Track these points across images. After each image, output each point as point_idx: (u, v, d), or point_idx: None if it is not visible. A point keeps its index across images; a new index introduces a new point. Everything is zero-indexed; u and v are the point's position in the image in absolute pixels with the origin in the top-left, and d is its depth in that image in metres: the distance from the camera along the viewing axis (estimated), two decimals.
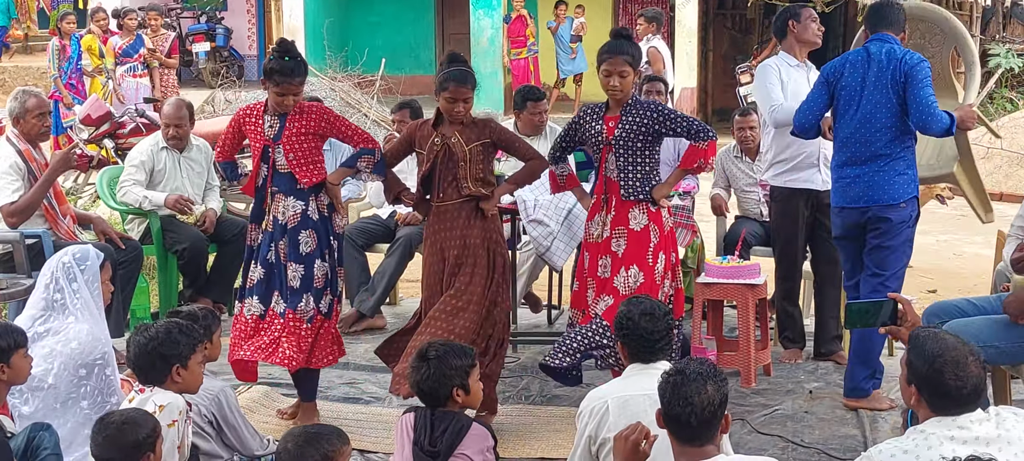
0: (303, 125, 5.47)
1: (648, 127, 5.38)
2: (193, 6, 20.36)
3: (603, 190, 5.48)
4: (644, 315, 4.09)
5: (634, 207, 5.42)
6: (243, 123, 5.59)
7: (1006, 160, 13.72)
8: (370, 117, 15.50)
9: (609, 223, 5.45)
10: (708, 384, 3.32)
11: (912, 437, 3.18)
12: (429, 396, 4.09)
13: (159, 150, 7.34)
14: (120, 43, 12.78)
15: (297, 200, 5.48)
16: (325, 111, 5.57)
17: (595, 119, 5.51)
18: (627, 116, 5.40)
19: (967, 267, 9.27)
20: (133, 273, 6.75)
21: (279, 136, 5.45)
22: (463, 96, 5.42)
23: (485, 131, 5.51)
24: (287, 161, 5.45)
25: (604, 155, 5.46)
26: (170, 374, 4.16)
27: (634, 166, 5.42)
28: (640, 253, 5.40)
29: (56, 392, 4.50)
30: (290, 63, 5.37)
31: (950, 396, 3.18)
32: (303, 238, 5.49)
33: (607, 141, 5.44)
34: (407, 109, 7.45)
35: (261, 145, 5.48)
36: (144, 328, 4.25)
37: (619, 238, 5.43)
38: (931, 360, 3.20)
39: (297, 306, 5.47)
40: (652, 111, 5.40)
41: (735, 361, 6.18)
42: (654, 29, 12.42)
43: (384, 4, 20.71)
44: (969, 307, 5.07)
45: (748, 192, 7.33)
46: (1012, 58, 17.49)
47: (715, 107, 19.41)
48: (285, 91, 5.38)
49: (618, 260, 5.41)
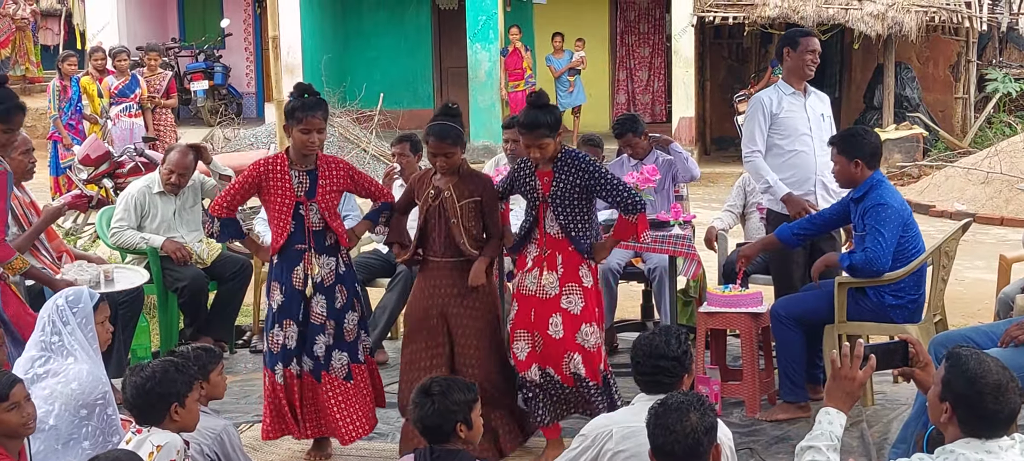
0: (332, 181, 5.45)
1: (583, 184, 5.32)
2: (191, 45, 20.42)
3: (545, 246, 5.43)
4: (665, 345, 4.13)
5: (582, 264, 5.39)
6: (264, 178, 5.45)
7: (1006, 184, 13.72)
8: (369, 152, 15.52)
9: (557, 281, 5.38)
10: (691, 413, 3.34)
11: (941, 456, 3.15)
12: (433, 432, 4.06)
13: (152, 193, 7.25)
14: (115, 83, 12.79)
15: (329, 257, 5.47)
16: (350, 167, 5.58)
17: (528, 174, 5.46)
18: (560, 173, 5.35)
19: (969, 293, 9.24)
20: (134, 312, 6.73)
21: (313, 192, 5.40)
22: (443, 150, 5.37)
23: (478, 188, 5.48)
24: (322, 217, 5.42)
25: (541, 212, 5.41)
26: (168, 413, 4.13)
27: (576, 221, 5.36)
28: (593, 310, 5.40)
29: (57, 433, 4.47)
30: (311, 100, 5.36)
31: (986, 419, 3.14)
32: (336, 294, 5.51)
33: (544, 197, 5.39)
34: (407, 142, 7.44)
35: (292, 202, 5.39)
36: (139, 368, 4.22)
37: (570, 295, 5.37)
38: (973, 381, 3.14)
39: (330, 367, 5.51)
40: (585, 169, 5.32)
41: (739, 390, 6.15)
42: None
43: (381, 39, 20.77)
44: (976, 335, 5.00)
45: (755, 213, 7.31)
46: (1010, 83, 17.54)
47: (713, 136, 19.44)
48: (310, 126, 5.32)
49: (573, 318, 5.36)
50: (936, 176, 15.10)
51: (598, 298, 5.49)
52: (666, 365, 4.11)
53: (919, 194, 14.43)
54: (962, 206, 13.55)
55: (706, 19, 17.40)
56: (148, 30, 19.90)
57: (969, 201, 13.76)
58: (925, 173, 15.81)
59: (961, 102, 17.84)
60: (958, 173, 14.66)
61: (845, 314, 5.80)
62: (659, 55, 20.03)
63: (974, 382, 3.14)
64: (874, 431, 5.75)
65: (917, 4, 16.49)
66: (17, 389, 3.99)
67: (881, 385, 6.33)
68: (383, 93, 17.07)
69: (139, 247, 7.16)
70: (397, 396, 5.80)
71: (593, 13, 19.99)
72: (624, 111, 17.91)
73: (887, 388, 6.36)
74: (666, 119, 19.16)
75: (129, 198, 7.27)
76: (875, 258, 5.63)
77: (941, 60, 18.36)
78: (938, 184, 14.70)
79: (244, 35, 21.46)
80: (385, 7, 20.78)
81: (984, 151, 15.13)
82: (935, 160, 16.18)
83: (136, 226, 7.18)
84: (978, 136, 17.27)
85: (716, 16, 17.25)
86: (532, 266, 5.44)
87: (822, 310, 5.83)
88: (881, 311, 5.82)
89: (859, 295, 5.82)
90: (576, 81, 18.09)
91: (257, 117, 20.18)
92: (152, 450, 4.01)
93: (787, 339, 5.95)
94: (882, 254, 5.63)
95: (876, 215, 5.65)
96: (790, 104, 6.35)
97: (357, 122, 16.74)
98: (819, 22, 16.32)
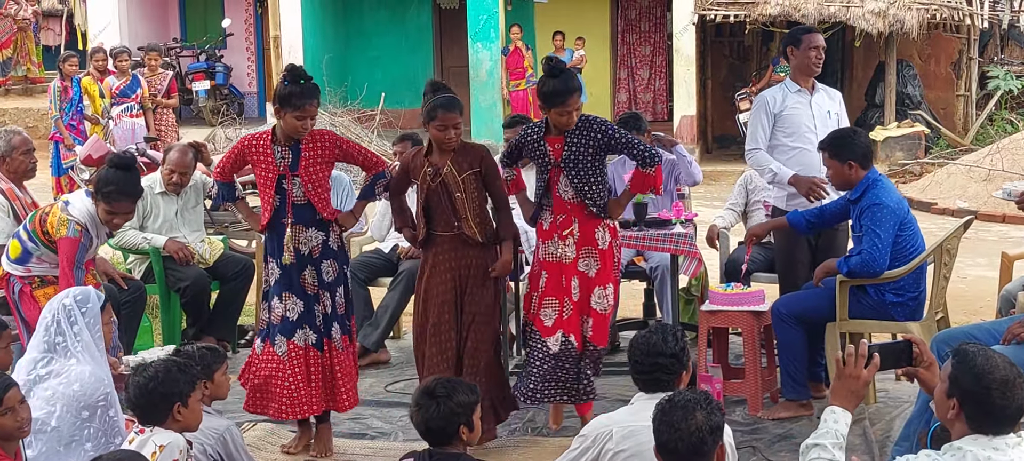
0: (318, 153, 5.44)
1: (597, 145, 5.45)
2: (193, 45, 20.42)
3: (559, 211, 5.53)
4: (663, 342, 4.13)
5: (598, 226, 5.52)
6: (248, 152, 5.51)
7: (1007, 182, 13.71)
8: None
9: (574, 245, 5.51)
10: (697, 411, 3.34)
11: (949, 453, 3.15)
12: (436, 434, 4.05)
13: (154, 194, 7.23)
14: (116, 83, 12.79)
15: (318, 231, 5.49)
16: (337, 137, 5.58)
17: (537, 140, 5.56)
18: (573, 137, 5.46)
19: (971, 290, 9.23)
20: (136, 313, 6.74)
21: (295, 166, 5.41)
22: (453, 122, 5.43)
23: (476, 159, 5.52)
24: (305, 191, 5.43)
25: (554, 177, 5.51)
26: (171, 413, 4.14)
27: (590, 184, 5.48)
28: (609, 271, 5.57)
29: (59, 434, 4.47)
30: (306, 86, 5.36)
31: (993, 415, 3.14)
32: (325, 267, 5.52)
33: (556, 163, 5.47)
34: (408, 141, 7.44)
35: (274, 176, 5.42)
36: (142, 368, 4.22)
37: (588, 257, 5.54)
38: (980, 376, 3.14)
39: (331, 336, 5.55)
40: (599, 129, 5.48)
41: (741, 389, 6.16)
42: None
43: (383, 39, 20.76)
44: (979, 332, 5.01)
45: (757, 211, 7.29)
46: (1011, 80, 17.52)
47: (715, 134, 19.43)
48: (305, 114, 5.32)
49: (589, 280, 5.54)
50: (938, 174, 15.09)
51: (614, 258, 5.62)
52: (665, 363, 4.12)
53: (921, 192, 14.43)
54: (964, 204, 13.54)
55: (707, 17, 17.39)
56: (149, 30, 19.89)
57: (971, 199, 13.75)
58: (927, 171, 15.81)
59: (963, 99, 17.83)
60: (960, 171, 14.65)
61: (846, 312, 5.81)
62: (660, 53, 20.02)
63: (981, 378, 3.14)
64: (876, 429, 5.76)
65: (918, 1, 16.47)
66: (12, 393, 3.98)
67: (883, 383, 6.34)
68: (384, 92, 17.07)
69: (141, 247, 7.16)
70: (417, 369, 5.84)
71: (594, 11, 19.98)
72: (625, 109, 17.89)
73: (889, 386, 6.37)
74: (667, 117, 19.15)
75: None
76: (871, 260, 5.64)
77: (942, 57, 18.35)
78: (940, 182, 14.69)
79: (245, 35, 21.47)
80: (386, 6, 20.78)
81: (986, 148, 15.12)
82: (937, 158, 16.18)
83: (138, 226, 7.17)
84: (980, 133, 17.26)
85: (717, 14, 17.24)
86: (549, 231, 5.58)
87: (823, 308, 5.84)
88: (882, 309, 5.83)
89: (860, 293, 5.83)
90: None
91: (259, 117, 20.17)
92: (155, 450, 4.01)
93: (789, 337, 5.96)
94: (879, 255, 5.64)
95: (872, 216, 5.66)
96: (795, 102, 6.33)
97: (358, 121, 16.74)
98: (820, 20, 16.29)
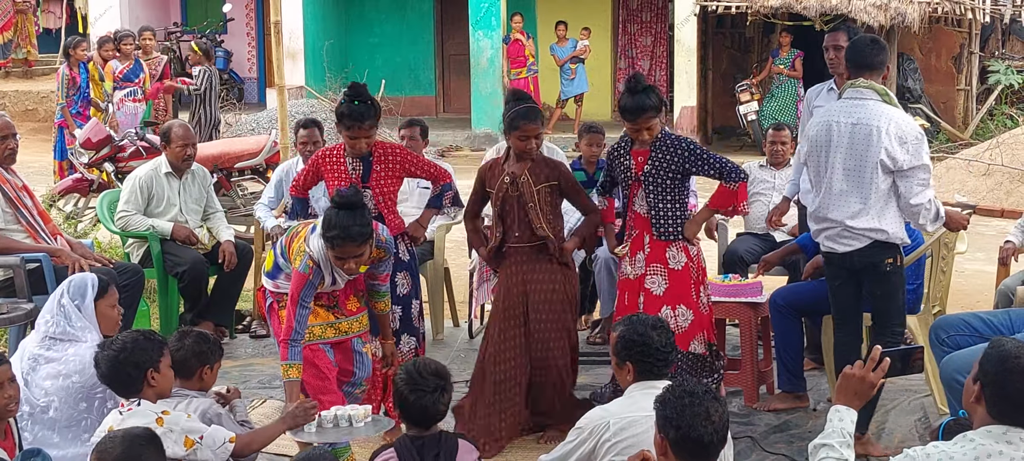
0: (388, 167, 5.52)
1: (679, 165, 5.42)
2: (193, 29, 20.39)
3: (634, 226, 5.54)
4: (654, 329, 4.12)
5: (670, 246, 5.48)
6: (321, 165, 5.59)
7: (1007, 177, 13.72)
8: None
9: (643, 261, 5.49)
10: (718, 402, 3.34)
11: (960, 443, 3.17)
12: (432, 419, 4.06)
13: (160, 175, 7.26)
14: (120, 67, 12.75)
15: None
16: (406, 153, 5.66)
17: (623, 153, 5.56)
18: (657, 152, 5.44)
19: (969, 284, 9.23)
20: (134, 297, 6.72)
21: (366, 178, 5.49)
22: (534, 132, 5.48)
23: (554, 173, 5.56)
24: (376, 204, 5.49)
25: (634, 190, 5.51)
26: (145, 379, 4.19)
27: (664, 203, 5.45)
28: (684, 292, 5.47)
29: (56, 422, 4.49)
30: (360, 107, 5.41)
31: (1010, 399, 3.15)
32: (399, 280, 5.58)
33: (636, 177, 5.47)
34: (416, 127, 7.43)
35: (347, 185, 5.41)
36: (108, 343, 4.27)
37: (655, 275, 5.48)
38: (1003, 359, 3.17)
39: (398, 348, 5.58)
40: (684, 148, 5.43)
41: (738, 380, 6.17)
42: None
43: (384, 26, 20.75)
44: (977, 322, 5.06)
45: (760, 196, 7.24)
46: (1012, 74, 17.51)
47: (715, 126, 19.42)
48: (357, 135, 5.42)
49: (656, 298, 5.44)
50: (937, 167, 15.09)
51: (686, 280, 5.51)
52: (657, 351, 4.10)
53: None
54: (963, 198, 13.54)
55: (709, 8, 17.38)
56: (150, 15, 19.85)
57: (970, 193, 13.75)
58: None
59: (963, 94, 17.82)
60: (959, 165, 14.66)
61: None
62: (661, 44, 19.99)
63: (1005, 361, 3.16)
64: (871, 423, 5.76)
65: None
66: (2, 369, 4.01)
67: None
68: (385, 80, 17.05)
69: (146, 232, 7.15)
70: (470, 378, 5.83)
71: (596, 1, 19.96)
72: None
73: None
74: (668, 108, 19.14)
75: (136, 182, 7.24)
76: None
77: (943, 51, 18.34)
78: (939, 175, 14.69)
79: (246, 20, 21.44)
80: None
81: (985, 143, 15.13)
82: (936, 152, 16.17)
83: (142, 210, 7.18)
84: (979, 128, 17.26)
85: (718, 5, 17.23)
86: (628, 249, 5.56)
87: (821, 300, 5.84)
88: None
89: None
90: (578, 69, 18.07)
91: (259, 102, 20.17)
92: (159, 415, 4.06)
93: (786, 329, 5.97)
94: None
95: None
96: (825, 99, 6.38)
97: None
98: (822, 13, 16.27)
